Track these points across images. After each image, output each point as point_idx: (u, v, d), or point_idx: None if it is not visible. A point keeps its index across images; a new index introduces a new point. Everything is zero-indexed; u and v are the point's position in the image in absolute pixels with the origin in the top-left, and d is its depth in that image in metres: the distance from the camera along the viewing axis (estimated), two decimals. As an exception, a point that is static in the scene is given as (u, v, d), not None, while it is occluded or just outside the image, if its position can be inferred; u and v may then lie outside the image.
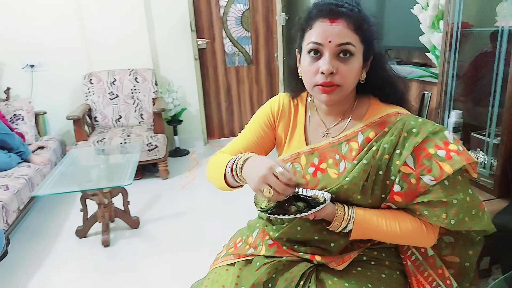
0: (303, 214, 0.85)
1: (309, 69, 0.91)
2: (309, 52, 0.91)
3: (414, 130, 0.89)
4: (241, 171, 0.93)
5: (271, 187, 0.83)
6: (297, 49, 0.99)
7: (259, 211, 0.90)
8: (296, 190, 0.92)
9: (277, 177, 0.82)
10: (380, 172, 0.90)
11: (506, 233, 1.15)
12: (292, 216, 0.86)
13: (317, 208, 0.86)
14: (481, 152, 1.46)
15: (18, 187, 2.36)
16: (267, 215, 0.89)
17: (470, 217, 0.89)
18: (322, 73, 0.88)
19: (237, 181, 0.97)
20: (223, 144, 4.12)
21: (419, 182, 0.87)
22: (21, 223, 2.64)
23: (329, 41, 0.86)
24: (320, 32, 0.87)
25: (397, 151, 0.89)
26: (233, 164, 0.96)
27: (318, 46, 0.88)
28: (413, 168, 0.88)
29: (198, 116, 4.10)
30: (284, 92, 1.14)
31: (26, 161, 2.73)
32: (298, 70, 0.98)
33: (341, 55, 0.88)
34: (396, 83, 0.99)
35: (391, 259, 1.02)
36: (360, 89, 0.99)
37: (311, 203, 0.88)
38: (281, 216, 0.87)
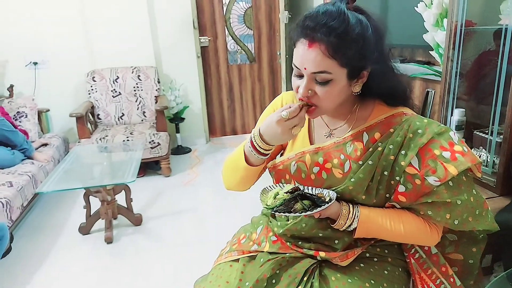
0: (309, 212, 0.86)
1: (294, 85, 0.93)
2: (294, 67, 0.91)
3: (419, 131, 0.89)
4: (259, 139, 0.94)
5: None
6: None
7: (264, 208, 0.91)
8: (302, 188, 0.93)
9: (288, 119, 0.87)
10: (385, 173, 0.91)
11: (508, 231, 1.16)
12: (297, 214, 0.87)
13: (323, 207, 0.87)
14: (483, 150, 1.46)
15: (22, 184, 2.37)
16: (272, 212, 0.89)
17: (474, 217, 0.90)
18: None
19: (259, 152, 0.95)
20: (225, 142, 4.20)
21: (424, 182, 0.87)
22: (25, 220, 2.65)
23: (305, 68, 0.86)
24: (298, 56, 0.87)
25: (402, 152, 0.90)
26: (251, 139, 0.96)
27: (298, 69, 0.89)
28: (418, 168, 0.88)
29: (200, 114, 4.11)
30: (287, 90, 1.13)
31: (30, 158, 2.74)
32: None
33: (319, 79, 0.86)
34: (401, 86, 0.98)
35: (393, 256, 1.02)
36: (363, 93, 0.96)
37: (316, 201, 0.89)
38: (286, 214, 0.88)
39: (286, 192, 0.90)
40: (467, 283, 1.00)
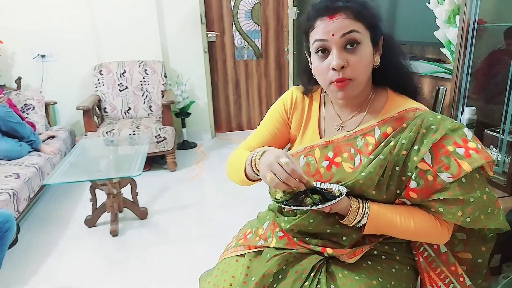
0: (319, 206, 0.85)
1: (320, 68, 0.91)
2: (317, 51, 0.90)
3: (433, 127, 0.88)
4: (258, 164, 0.94)
5: (275, 175, 0.83)
6: (306, 52, 0.99)
7: (274, 202, 0.90)
8: (313, 183, 0.92)
9: (282, 167, 0.83)
10: (397, 168, 0.90)
11: (518, 231, 1.14)
12: (307, 208, 0.85)
13: (333, 201, 0.85)
14: (494, 149, 1.44)
15: (29, 175, 2.38)
16: (282, 206, 0.88)
17: (486, 215, 0.88)
18: (334, 69, 0.87)
19: (255, 174, 0.96)
20: (231, 137, 4.20)
21: (436, 179, 0.86)
22: (31, 211, 2.67)
23: (332, 35, 0.86)
24: (321, 29, 0.87)
25: (415, 147, 0.89)
26: (253, 156, 0.96)
27: (324, 42, 0.88)
28: (431, 165, 0.87)
29: (206, 109, 4.11)
30: (296, 85, 1.13)
31: (37, 150, 2.76)
32: (312, 71, 0.97)
33: (348, 46, 0.87)
34: (410, 73, 0.99)
35: (402, 254, 1.01)
36: (376, 79, 0.98)
37: (326, 196, 0.88)
38: (296, 208, 0.86)
39: None
40: (475, 282, 0.99)
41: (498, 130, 1.44)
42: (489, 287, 1.02)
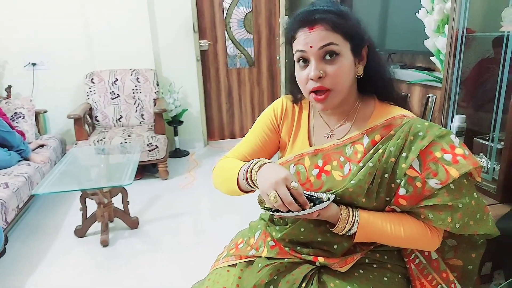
0: (307, 211, 0.84)
1: (300, 77, 0.93)
2: (298, 61, 0.93)
3: (420, 134, 0.89)
4: (256, 175, 0.93)
5: (278, 195, 0.83)
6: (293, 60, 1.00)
7: (263, 210, 0.89)
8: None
9: (288, 189, 0.83)
10: (386, 175, 0.90)
11: (508, 238, 1.15)
12: (296, 213, 0.84)
13: (321, 205, 0.85)
14: (484, 157, 1.46)
15: (18, 185, 2.35)
16: (271, 213, 0.87)
17: (475, 221, 0.89)
18: (312, 79, 0.89)
19: (250, 185, 0.96)
20: (223, 145, 4.19)
21: (425, 185, 0.86)
22: (20, 222, 2.63)
23: (311, 47, 0.87)
24: (301, 40, 0.89)
25: (403, 154, 0.89)
26: (248, 167, 0.95)
27: (303, 53, 0.90)
28: (419, 171, 0.87)
29: (199, 117, 4.10)
30: (286, 94, 1.13)
31: (26, 159, 2.72)
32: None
33: (327, 57, 0.88)
34: (393, 82, 1.00)
35: (393, 262, 1.01)
36: (363, 88, 0.99)
37: (315, 202, 0.87)
38: (285, 214, 0.85)
39: None
40: None
41: (487, 138, 1.45)
42: None
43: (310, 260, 0.97)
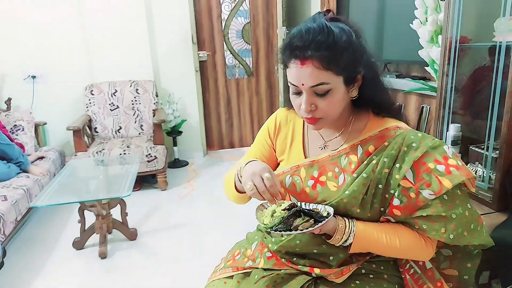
0: (310, 229, 0.85)
1: (294, 103, 0.94)
2: (291, 87, 0.93)
3: (414, 145, 0.89)
4: (242, 174, 0.96)
5: (254, 185, 0.88)
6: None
7: (264, 227, 0.89)
8: (299, 205, 0.93)
9: (263, 180, 0.88)
10: (380, 186, 0.90)
11: (505, 247, 1.15)
12: (298, 231, 0.85)
13: (323, 222, 0.85)
14: (479, 165, 1.46)
15: (17, 197, 2.35)
16: (272, 231, 0.87)
17: (469, 231, 0.89)
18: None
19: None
20: (223, 155, 4.20)
21: (418, 196, 0.87)
22: (18, 234, 2.62)
23: (302, 84, 0.87)
24: (293, 74, 0.88)
25: (397, 165, 0.90)
26: (239, 169, 0.99)
27: (295, 87, 0.90)
28: (413, 182, 0.88)
29: (198, 128, 4.11)
30: (284, 105, 1.14)
31: (25, 171, 2.73)
32: None
33: (319, 92, 0.88)
34: (389, 94, 1.00)
35: (389, 273, 1.01)
36: (357, 103, 0.99)
37: (314, 216, 0.87)
38: (287, 233, 0.86)
39: (284, 209, 0.89)
40: None
41: (483, 146, 1.46)
42: None
43: (307, 271, 0.97)
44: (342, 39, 0.85)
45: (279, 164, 1.12)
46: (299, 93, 0.91)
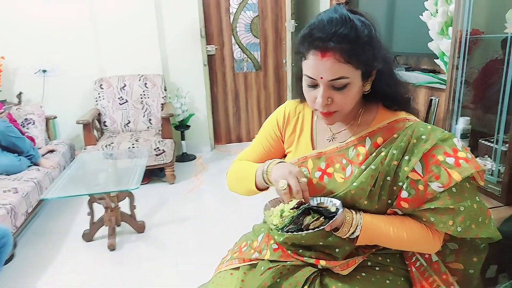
0: (322, 227, 0.85)
1: (308, 96, 0.93)
2: (306, 81, 0.91)
3: (423, 137, 0.89)
4: (271, 170, 0.97)
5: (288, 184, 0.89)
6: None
7: (275, 229, 0.88)
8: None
9: (298, 181, 0.89)
10: (388, 178, 0.90)
11: (514, 241, 1.13)
12: (310, 231, 0.85)
13: (333, 219, 0.85)
14: (489, 159, 1.44)
15: (27, 190, 2.39)
16: (283, 232, 0.87)
17: (477, 224, 0.88)
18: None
19: (266, 183, 1.00)
20: (230, 149, 4.21)
21: (427, 188, 0.86)
22: (29, 226, 2.67)
23: (321, 78, 0.86)
24: (312, 66, 0.86)
25: (406, 157, 0.89)
26: (267, 166, 0.99)
27: (312, 80, 0.88)
28: (422, 174, 0.87)
29: (206, 122, 4.12)
30: (292, 98, 1.14)
31: (36, 164, 2.77)
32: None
33: (336, 85, 0.87)
34: (403, 88, 0.99)
35: (396, 265, 1.01)
36: (367, 95, 0.98)
37: (323, 213, 0.87)
38: (299, 233, 0.85)
39: (292, 208, 0.88)
40: None
41: (492, 140, 1.44)
42: None
43: (312, 263, 0.97)
44: (364, 32, 0.84)
45: (285, 155, 1.12)
46: (314, 86, 0.89)
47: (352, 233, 0.91)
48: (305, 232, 0.85)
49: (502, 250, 1.09)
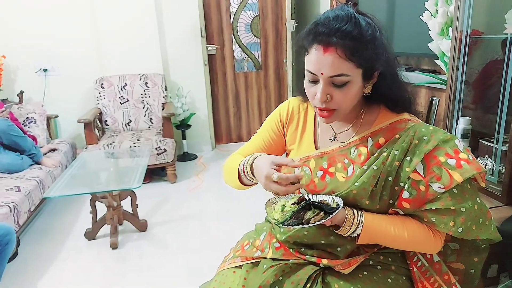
0: (322, 221, 0.85)
1: (308, 92, 0.94)
2: (307, 76, 0.92)
3: (425, 138, 0.90)
4: (251, 172, 1.00)
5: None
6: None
7: (275, 223, 0.89)
8: (307, 197, 0.94)
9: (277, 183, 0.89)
10: (390, 178, 0.91)
11: (514, 241, 1.14)
12: (310, 225, 0.86)
13: (334, 214, 0.86)
14: (489, 159, 1.45)
15: (30, 188, 2.40)
16: (284, 226, 0.87)
17: (478, 225, 0.89)
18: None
19: (250, 180, 1.02)
20: (231, 149, 4.21)
21: (428, 189, 0.87)
22: (32, 224, 2.68)
23: (322, 73, 0.86)
24: (314, 61, 0.87)
25: (408, 158, 0.90)
26: (244, 165, 1.01)
27: (313, 75, 0.89)
28: (423, 175, 0.88)
29: (207, 121, 4.13)
30: (293, 95, 1.15)
31: (38, 163, 2.78)
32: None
33: (337, 82, 0.87)
34: (406, 91, 0.99)
35: (397, 264, 1.02)
36: (369, 96, 0.98)
37: (324, 209, 0.88)
38: (300, 227, 0.86)
39: (293, 204, 0.89)
40: None
41: (493, 140, 1.45)
42: None
43: (314, 261, 0.98)
44: (367, 32, 0.85)
45: (287, 152, 1.13)
46: (315, 81, 0.90)
47: (354, 231, 0.92)
48: (306, 226, 0.86)
49: (503, 250, 1.10)
